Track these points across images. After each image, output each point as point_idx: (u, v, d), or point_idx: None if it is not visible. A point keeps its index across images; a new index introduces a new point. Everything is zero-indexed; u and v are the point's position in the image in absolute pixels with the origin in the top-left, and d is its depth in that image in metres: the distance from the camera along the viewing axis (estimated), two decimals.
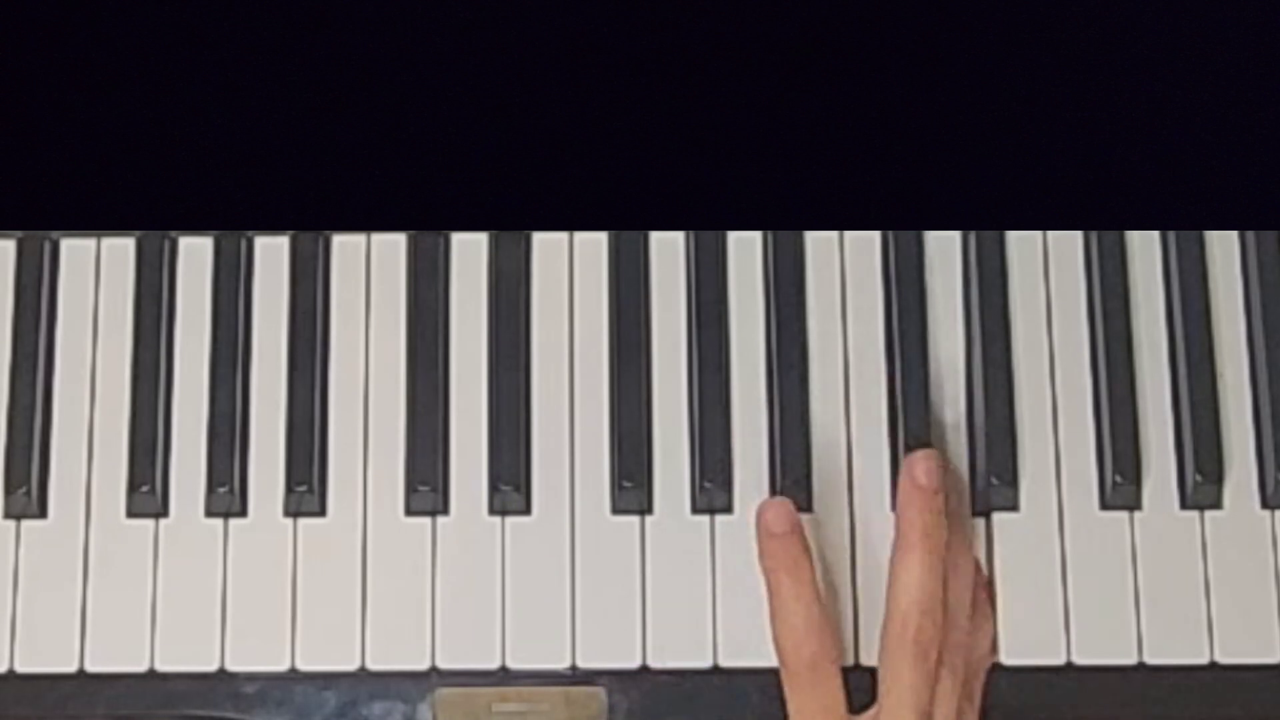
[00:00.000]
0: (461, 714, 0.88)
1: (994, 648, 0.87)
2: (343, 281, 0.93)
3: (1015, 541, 0.89)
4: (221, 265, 0.93)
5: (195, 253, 0.93)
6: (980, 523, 0.90)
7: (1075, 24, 0.85)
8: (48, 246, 0.93)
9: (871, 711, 0.85)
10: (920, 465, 0.86)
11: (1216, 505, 0.90)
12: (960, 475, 0.90)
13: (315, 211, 0.85)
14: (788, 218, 0.85)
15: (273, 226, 0.85)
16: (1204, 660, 0.88)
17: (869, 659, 0.87)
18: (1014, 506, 0.90)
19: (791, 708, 0.85)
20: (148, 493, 0.90)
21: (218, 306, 0.92)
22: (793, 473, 0.89)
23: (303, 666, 0.88)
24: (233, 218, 0.85)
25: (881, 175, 0.85)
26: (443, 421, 0.91)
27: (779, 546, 0.86)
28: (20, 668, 0.88)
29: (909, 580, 0.85)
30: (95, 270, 0.93)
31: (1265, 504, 0.90)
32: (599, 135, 0.84)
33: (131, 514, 0.90)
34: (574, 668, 0.88)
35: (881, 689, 0.84)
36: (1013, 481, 0.89)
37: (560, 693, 0.88)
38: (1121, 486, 0.89)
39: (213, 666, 0.88)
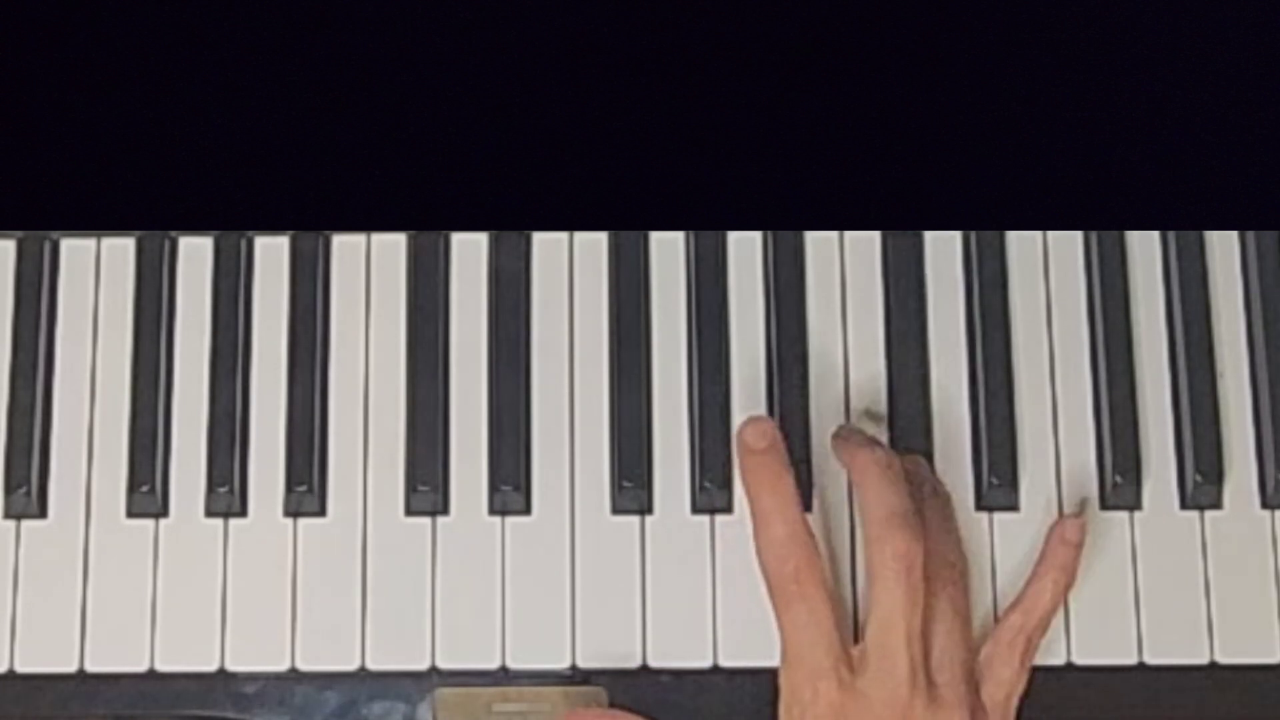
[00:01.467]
0: (461, 714, 0.88)
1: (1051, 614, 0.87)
2: (343, 281, 0.93)
3: (1015, 541, 0.89)
4: (221, 265, 0.93)
5: (195, 253, 0.93)
6: (981, 522, 0.90)
7: (1075, 24, 0.85)
8: (48, 246, 0.93)
9: (860, 646, 0.84)
10: (839, 434, 0.88)
11: (1216, 505, 0.90)
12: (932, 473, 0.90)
13: (315, 211, 0.85)
14: (788, 218, 0.85)
15: (273, 226, 0.85)
16: (1204, 660, 0.88)
17: None
18: (1014, 506, 0.90)
19: (783, 628, 0.84)
20: (148, 493, 0.90)
21: (218, 306, 0.92)
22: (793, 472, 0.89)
23: (303, 666, 0.88)
24: (233, 218, 0.85)
25: (881, 175, 0.85)
26: (443, 421, 0.91)
27: (759, 462, 0.86)
28: (20, 668, 0.88)
29: (873, 499, 0.84)
30: (95, 270, 0.93)
31: (1265, 504, 0.90)
32: (599, 135, 0.84)
33: (131, 514, 0.90)
34: (574, 668, 0.88)
35: (869, 615, 0.84)
36: (1013, 481, 0.89)
37: (560, 693, 0.88)
38: (1121, 486, 0.89)
39: (213, 666, 0.88)
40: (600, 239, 0.93)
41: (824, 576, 0.85)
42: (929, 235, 0.93)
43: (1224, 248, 0.93)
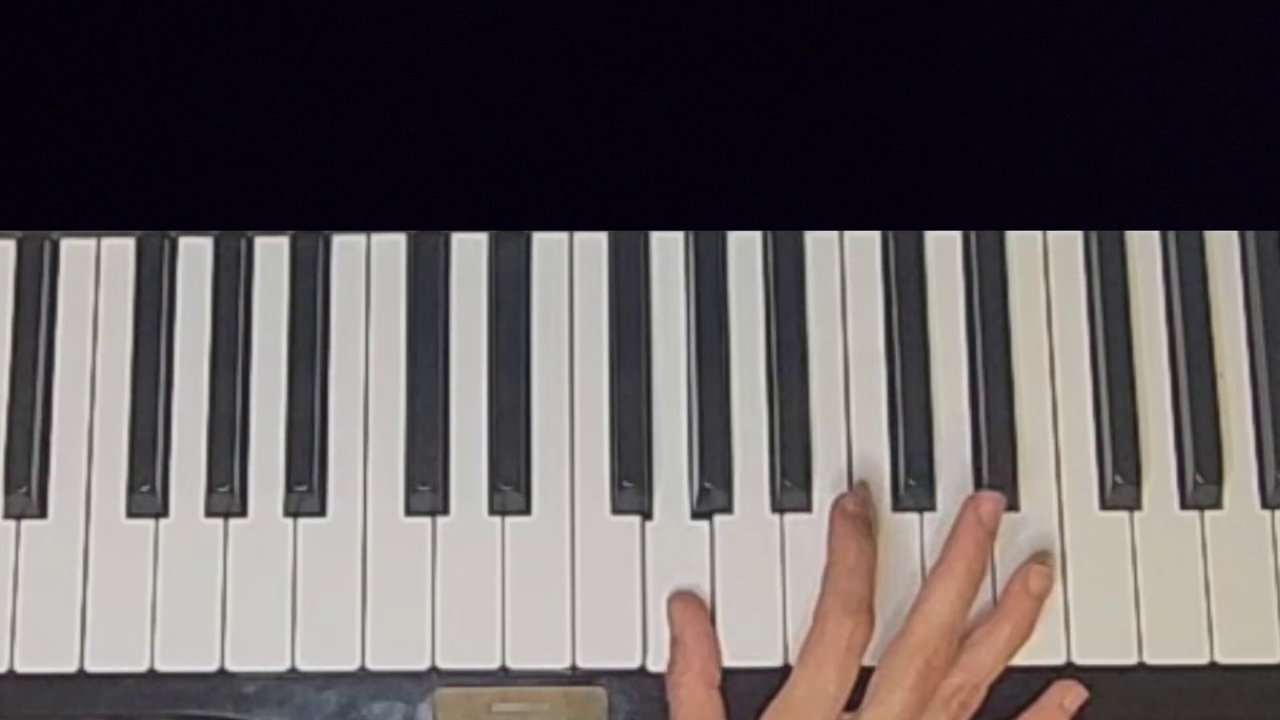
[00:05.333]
0: (461, 714, 0.88)
1: None
2: (343, 281, 0.93)
3: (1015, 541, 0.89)
4: (221, 265, 0.93)
5: (195, 253, 0.93)
6: None
7: (1075, 24, 0.85)
8: (48, 246, 0.93)
9: (851, 715, 0.85)
10: (986, 505, 0.86)
11: (1216, 505, 0.90)
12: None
13: (315, 211, 0.85)
14: (788, 218, 0.85)
15: (273, 226, 0.85)
16: (1204, 660, 0.88)
17: (867, 659, 0.86)
18: (1014, 506, 0.90)
19: (803, 666, 0.85)
20: (148, 493, 0.90)
21: (218, 306, 0.92)
22: (793, 473, 0.89)
23: (303, 666, 0.88)
24: (233, 218, 0.85)
25: (881, 175, 0.85)
26: (443, 421, 0.91)
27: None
28: (20, 668, 0.88)
29: (939, 606, 0.85)
30: (95, 270, 0.93)
31: (1265, 504, 0.90)
32: (599, 135, 0.84)
33: (131, 514, 0.90)
34: (574, 668, 0.88)
35: (870, 694, 0.84)
36: (1013, 481, 0.89)
37: (560, 693, 0.88)
38: (1121, 486, 0.89)
39: (213, 666, 0.88)
40: (600, 239, 0.93)
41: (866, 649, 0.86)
42: (929, 235, 0.93)
43: (1224, 248, 0.93)
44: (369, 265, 0.93)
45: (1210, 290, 0.92)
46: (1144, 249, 0.93)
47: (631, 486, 0.89)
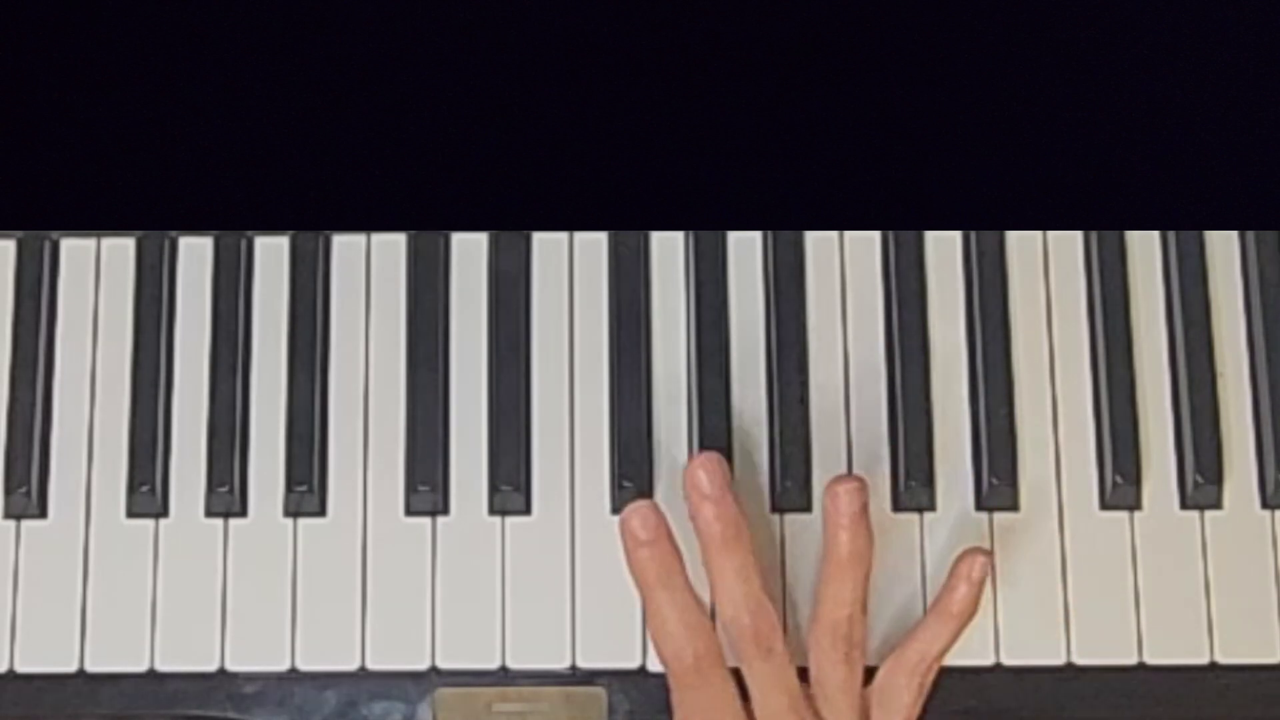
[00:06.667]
0: (461, 714, 0.88)
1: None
2: (343, 281, 0.93)
3: (1015, 541, 0.89)
4: (221, 265, 0.93)
5: (195, 253, 0.93)
6: (981, 522, 0.90)
7: (1075, 24, 0.85)
8: (48, 246, 0.93)
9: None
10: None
11: (1216, 505, 0.90)
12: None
13: (315, 211, 0.85)
14: (788, 218, 0.85)
15: (273, 226, 0.85)
16: (1204, 660, 0.88)
17: (870, 658, 0.87)
18: (1014, 506, 0.90)
19: (681, 707, 0.85)
20: (148, 493, 0.90)
21: (218, 306, 0.92)
22: (793, 473, 0.89)
23: (303, 666, 0.88)
24: (233, 218, 0.85)
25: (881, 175, 0.85)
26: (443, 421, 0.91)
27: (648, 555, 0.86)
28: (20, 668, 0.88)
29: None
30: (95, 270, 0.93)
31: (1265, 504, 0.90)
32: (599, 135, 0.84)
33: (131, 514, 0.90)
34: (574, 668, 0.88)
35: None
36: (1013, 481, 0.89)
37: (560, 693, 0.88)
38: (1121, 486, 0.89)
39: (213, 666, 0.88)
40: (600, 239, 0.93)
41: (722, 653, 0.85)
42: (929, 235, 0.93)
43: (1224, 248, 0.93)
44: (369, 265, 0.93)
45: (1210, 290, 0.92)
46: (1144, 249, 0.93)
47: (631, 486, 0.89)
